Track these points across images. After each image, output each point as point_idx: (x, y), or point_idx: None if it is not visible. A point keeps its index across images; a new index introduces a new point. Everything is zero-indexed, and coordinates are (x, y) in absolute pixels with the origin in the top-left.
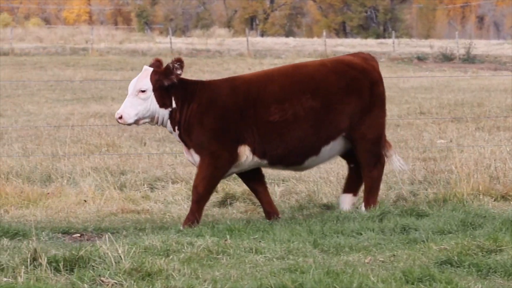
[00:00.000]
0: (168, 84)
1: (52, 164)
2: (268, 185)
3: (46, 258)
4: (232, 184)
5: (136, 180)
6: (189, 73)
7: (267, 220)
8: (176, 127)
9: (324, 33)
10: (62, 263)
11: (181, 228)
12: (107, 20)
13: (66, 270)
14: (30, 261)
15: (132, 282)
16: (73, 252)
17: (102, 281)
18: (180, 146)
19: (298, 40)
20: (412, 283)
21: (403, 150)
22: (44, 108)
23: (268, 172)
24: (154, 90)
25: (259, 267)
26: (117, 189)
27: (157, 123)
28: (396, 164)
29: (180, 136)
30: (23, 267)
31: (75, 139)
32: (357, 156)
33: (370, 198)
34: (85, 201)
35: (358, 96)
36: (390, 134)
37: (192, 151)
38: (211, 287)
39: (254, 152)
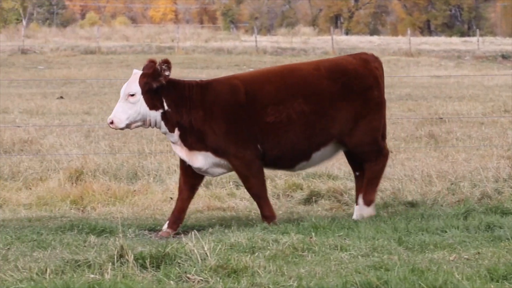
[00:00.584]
0: (157, 86)
1: (138, 162)
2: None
3: (132, 255)
4: (317, 182)
5: (222, 177)
6: None
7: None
8: (176, 129)
9: (409, 32)
10: (148, 260)
11: (266, 226)
12: (193, 18)
13: (153, 267)
14: (116, 258)
15: (218, 279)
16: (160, 249)
17: (188, 278)
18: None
19: (383, 38)
20: (497, 281)
21: (487, 148)
22: None
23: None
24: (143, 93)
25: (344, 264)
26: (203, 187)
27: (150, 125)
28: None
29: (181, 136)
30: (110, 264)
31: (161, 136)
32: (358, 158)
33: (370, 192)
34: (171, 198)
35: (349, 102)
36: (474, 132)
37: (200, 152)
38: (296, 284)
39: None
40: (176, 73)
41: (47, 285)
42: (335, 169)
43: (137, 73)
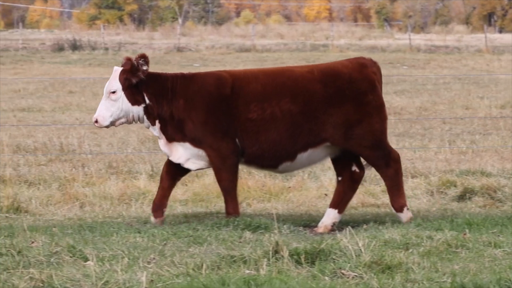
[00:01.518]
0: (136, 81)
1: None
2: None
3: (287, 251)
4: (471, 179)
5: (376, 174)
6: (427, 69)
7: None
8: (157, 121)
9: None
10: (303, 255)
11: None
12: (346, 17)
13: (307, 262)
14: (272, 253)
15: (372, 275)
16: (314, 245)
17: (343, 274)
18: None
19: None
20: None
21: None
22: None
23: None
24: (124, 89)
25: (498, 261)
26: None
27: (133, 121)
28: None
29: (161, 129)
30: (265, 259)
31: None
32: (369, 163)
33: (396, 198)
34: (325, 195)
35: (340, 108)
36: None
37: (178, 144)
38: (450, 281)
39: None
40: None
41: (203, 280)
42: (488, 166)
43: (117, 70)
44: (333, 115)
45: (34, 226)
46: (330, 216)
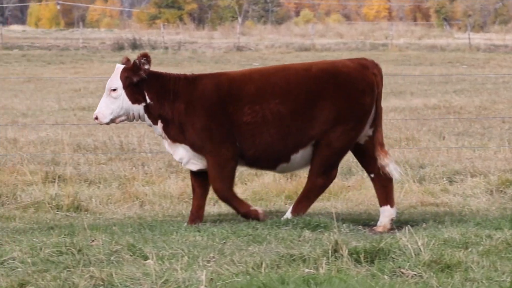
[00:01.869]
0: (137, 80)
1: (352, 158)
2: None
3: (347, 250)
4: None
5: (435, 173)
6: (487, 69)
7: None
8: (159, 121)
9: None
10: (362, 254)
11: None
12: (406, 16)
13: (367, 261)
14: (331, 252)
15: (431, 274)
16: (374, 244)
17: (402, 273)
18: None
19: None
20: None
21: None
22: None
23: None
24: (125, 87)
25: None
26: (416, 182)
27: (134, 119)
28: (394, 173)
29: (164, 129)
30: (325, 258)
31: None
32: (311, 160)
33: (301, 204)
34: None
35: (334, 105)
36: None
37: (180, 145)
38: (510, 280)
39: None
40: (389, 70)
41: (262, 279)
42: None
43: (119, 67)
44: (324, 111)
45: (94, 225)
46: (385, 214)
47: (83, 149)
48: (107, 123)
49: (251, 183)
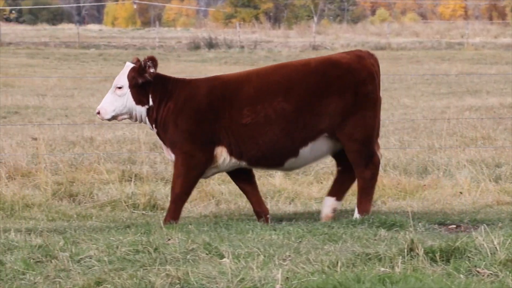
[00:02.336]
0: (142, 81)
1: (428, 157)
2: None
3: (422, 249)
4: None
5: None
6: None
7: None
8: (154, 125)
9: None
10: (438, 253)
11: (162, 226)
12: (482, 15)
13: (442, 260)
14: (407, 251)
15: (507, 273)
16: (449, 243)
17: (478, 272)
18: None
19: None
20: None
21: None
22: (420, 102)
23: None
24: (131, 87)
25: None
26: (492, 181)
27: (136, 120)
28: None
29: (158, 134)
30: (400, 257)
31: (450, 131)
32: (348, 157)
33: (363, 201)
34: (460, 193)
35: (340, 96)
36: None
37: (169, 149)
38: None
39: (231, 153)
40: (465, 69)
41: (338, 278)
42: None
43: (129, 66)
44: (331, 104)
45: (170, 224)
46: (328, 203)
47: (159, 148)
48: (109, 119)
49: (327, 182)
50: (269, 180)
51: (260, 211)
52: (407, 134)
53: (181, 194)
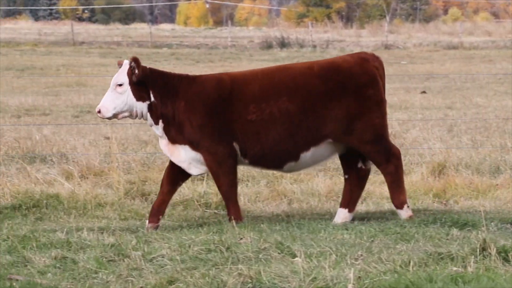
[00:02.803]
0: (135, 80)
1: (500, 156)
2: None
3: (495, 248)
4: None
5: None
6: None
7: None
8: (161, 120)
9: None
10: (510, 253)
11: (233, 225)
12: None
13: None
14: (479, 251)
15: None
16: None
17: None
18: None
19: None
20: None
21: None
22: (492, 101)
23: None
24: (130, 84)
25: None
26: None
27: (136, 116)
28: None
29: (164, 129)
30: (473, 257)
31: None
32: (368, 159)
33: (397, 195)
34: None
35: (342, 101)
36: None
37: (180, 146)
38: None
39: (239, 149)
40: None
41: (410, 277)
42: None
43: (127, 63)
44: (334, 109)
45: (242, 223)
46: (341, 216)
47: None
48: (109, 118)
49: None
50: (341, 180)
51: (157, 211)
52: (479, 133)
53: (228, 189)
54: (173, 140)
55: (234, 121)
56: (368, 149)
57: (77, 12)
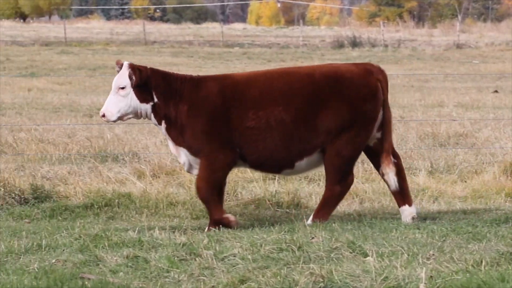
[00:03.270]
0: (136, 83)
1: None
2: None
3: None
4: None
5: None
6: None
7: None
8: (163, 121)
9: None
10: None
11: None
12: None
13: None
14: None
15: None
16: None
17: None
18: None
19: None
20: None
21: None
22: None
23: None
24: (133, 86)
25: None
26: None
27: (141, 117)
28: (391, 183)
29: (167, 129)
30: None
31: None
32: (325, 168)
33: (322, 211)
34: None
35: (336, 112)
36: None
37: (180, 148)
38: None
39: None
40: None
41: (482, 277)
42: None
43: (127, 66)
44: (327, 121)
45: (314, 222)
46: (405, 214)
47: None
48: (114, 121)
49: (471, 181)
50: (413, 179)
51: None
52: None
53: (206, 196)
54: (176, 141)
55: (236, 126)
56: (335, 162)
57: (149, 12)
